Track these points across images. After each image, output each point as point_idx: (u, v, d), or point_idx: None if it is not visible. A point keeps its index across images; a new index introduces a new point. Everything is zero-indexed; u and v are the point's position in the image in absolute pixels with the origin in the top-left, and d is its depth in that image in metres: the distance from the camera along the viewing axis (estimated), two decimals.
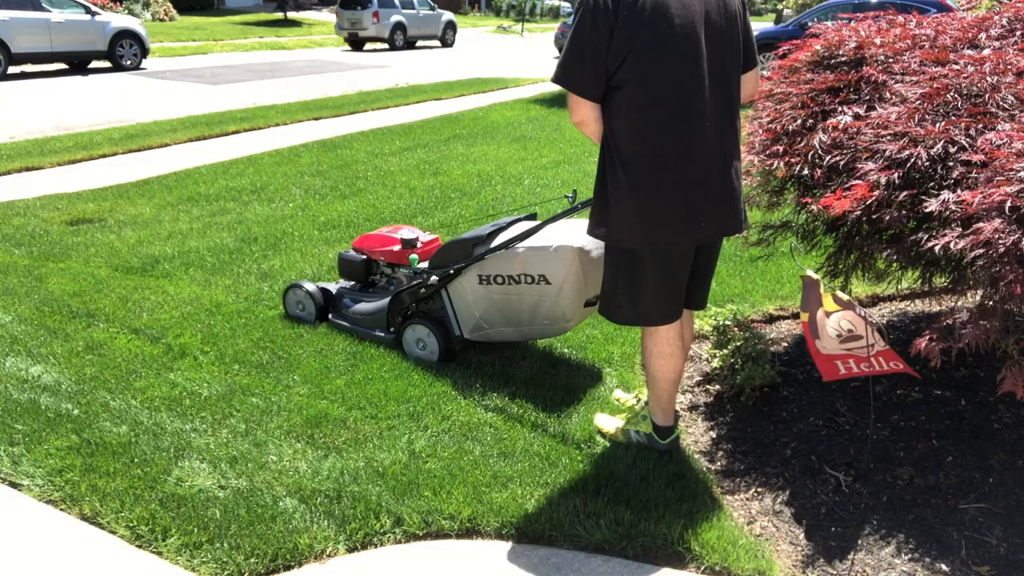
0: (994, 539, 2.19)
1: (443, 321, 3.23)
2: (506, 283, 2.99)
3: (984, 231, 1.90)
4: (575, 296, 2.92)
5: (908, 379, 2.98)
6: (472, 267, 3.06)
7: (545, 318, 2.99)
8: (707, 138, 2.25)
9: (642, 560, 2.15)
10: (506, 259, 2.96)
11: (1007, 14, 2.86)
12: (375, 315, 3.43)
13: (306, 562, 2.14)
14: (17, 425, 2.72)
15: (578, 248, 2.85)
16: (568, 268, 2.86)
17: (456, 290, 3.15)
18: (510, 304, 3.03)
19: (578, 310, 3.00)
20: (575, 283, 2.89)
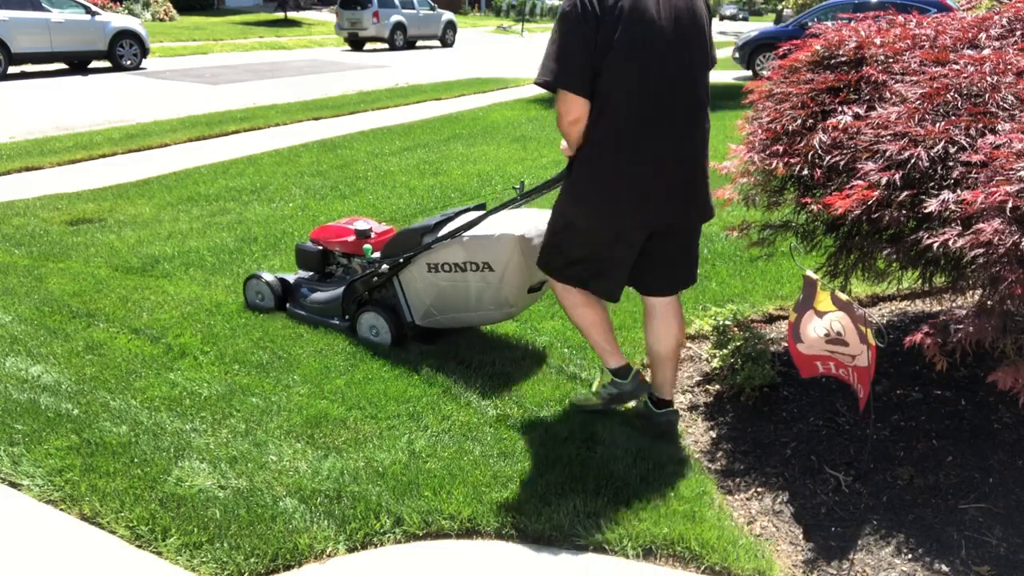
0: (994, 539, 2.19)
1: (395, 308, 3.36)
2: (453, 271, 3.12)
3: (984, 231, 1.90)
4: (518, 282, 3.06)
5: (908, 379, 2.98)
6: (421, 256, 3.18)
7: (490, 303, 3.13)
8: (675, 135, 2.42)
9: (642, 560, 2.15)
10: (452, 248, 3.08)
11: (1007, 14, 2.86)
12: (331, 303, 3.55)
13: (306, 562, 2.14)
14: (17, 425, 2.72)
15: (519, 236, 2.98)
16: (509, 255, 2.99)
17: (407, 278, 3.28)
18: (457, 291, 3.15)
19: (522, 296, 3.16)
20: (517, 270, 3.02)
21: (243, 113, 10.29)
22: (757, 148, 2.80)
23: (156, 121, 9.55)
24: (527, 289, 3.14)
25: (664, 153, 2.43)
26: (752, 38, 16.01)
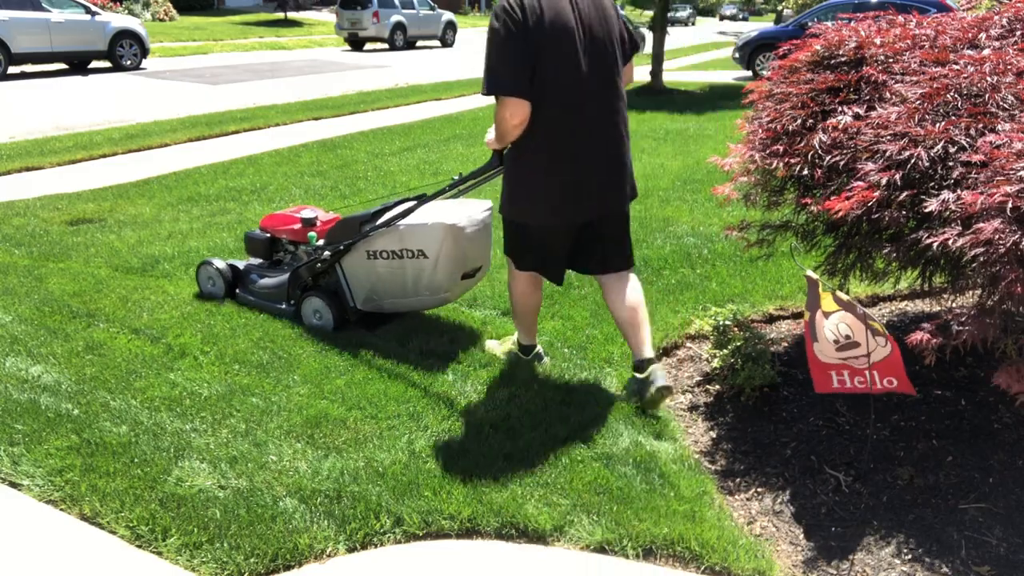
0: (994, 539, 2.19)
1: (338, 293, 3.52)
2: (390, 257, 3.31)
3: (984, 231, 1.90)
4: (451, 268, 3.27)
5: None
6: (361, 243, 3.36)
7: (425, 289, 3.33)
8: (597, 130, 2.71)
9: (642, 560, 2.15)
10: (390, 235, 3.28)
11: (1007, 14, 2.86)
12: (277, 289, 3.71)
13: (306, 562, 2.14)
14: (17, 425, 2.72)
15: (451, 225, 3.19)
16: (442, 242, 3.20)
17: (348, 265, 3.45)
18: (395, 277, 3.34)
19: (455, 282, 3.35)
20: (449, 256, 3.23)
21: (243, 113, 10.29)
22: (757, 147, 2.80)
23: (156, 121, 9.55)
24: (461, 276, 3.34)
25: (592, 151, 2.71)
26: (752, 38, 16.01)
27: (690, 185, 6.36)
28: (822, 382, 2.46)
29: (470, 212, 3.32)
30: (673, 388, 3.02)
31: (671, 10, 23.24)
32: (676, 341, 3.50)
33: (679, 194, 6.08)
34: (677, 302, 3.86)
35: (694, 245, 4.73)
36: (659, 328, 3.54)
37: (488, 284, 4.08)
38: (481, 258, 3.47)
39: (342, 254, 3.43)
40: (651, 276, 4.23)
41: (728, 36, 33.69)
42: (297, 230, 3.74)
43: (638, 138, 8.68)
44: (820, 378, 2.46)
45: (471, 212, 3.32)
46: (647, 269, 4.33)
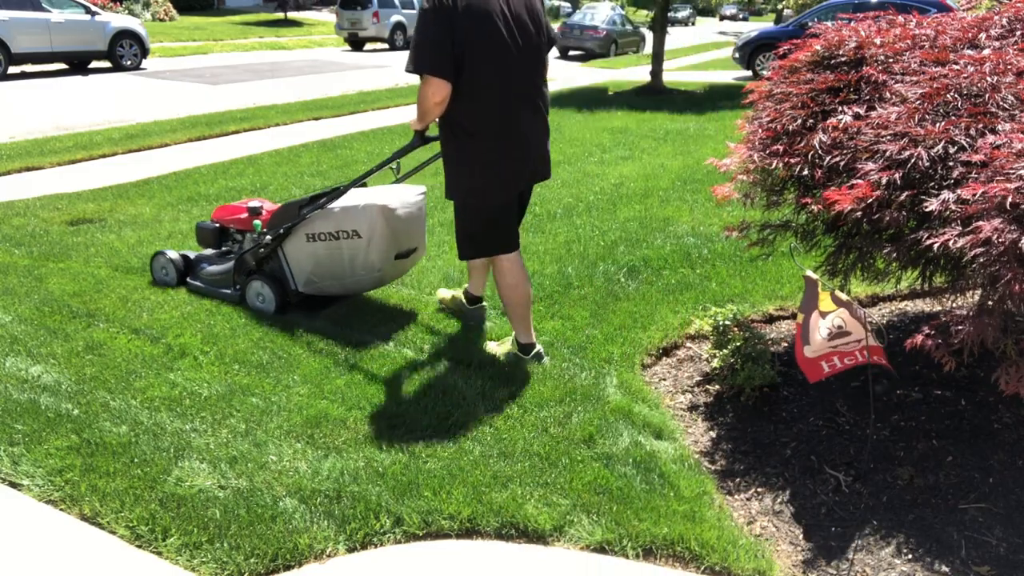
0: (994, 539, 2.19)
1: (280, 277, 3.69)
2: (328, 239, 3.48)
3: (984, 230, 1.90)
4: (384, 248, 3.47)
5: (908, 379, 2.98)
6: (301, 227, 3.54)
7: (361, 268, 3.51)
8: (526, 113, 2.96)
9: (642, 560, 2.15)
10: (327, 218, 3.46)
11: (1007, 14, 2.86)
12: (224, 275, 3.88)
13: (306, 562, 2.14)
14: (17, 425, 2.72)
15: (382, 206, 3.40)
16: (374, 223, 3.40)
17: (289, 249, 3.62)
18: (332, 258, 3.52)
19: (390, 261, 3.54)
20: (382, 236, 3.43)
21: (243, 113, 10.28)
22: (757, 147, 2.80)
23: (156, 121, 9.55)
24: (395, 255, 3.55)
25: (523, 128, 2.96)
26: (752, 38, 16.01)
27: (690, 185, 6.36)
28: (813, 373, 2.48)
29: (403, 195, 3.53)
30: None
31: (671, 10, 23.27)
32: (676, 341, 3.50)
33: (679, 194, 6.08)
34: (677, 302, 3.86)
35: (694, 245, 4.73)
36: (659, 328, 3.55)
37: (489, 286, 4.08)
38: (415, 240, 3.66)
39: (283, 238, 3.60)
40: (651, 276, 4.23)
41: (728, 36, 33.69)
42: (244, 219, 3.90)
43: (638, 138, 8.68)
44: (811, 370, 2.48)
45: (404, 195, 3.53)
46: (647, 269, 4.33)
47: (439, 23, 2.72)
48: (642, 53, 23.09)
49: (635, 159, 7.53)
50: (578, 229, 5.12)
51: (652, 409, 2.90)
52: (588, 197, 5.98)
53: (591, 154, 7.75)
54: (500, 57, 2.82)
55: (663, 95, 12.92)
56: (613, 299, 3.92)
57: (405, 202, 3.51)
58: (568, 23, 23.18)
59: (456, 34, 2.72)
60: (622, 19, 23.54)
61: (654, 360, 3.37)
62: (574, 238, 4.92)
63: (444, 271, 4.29)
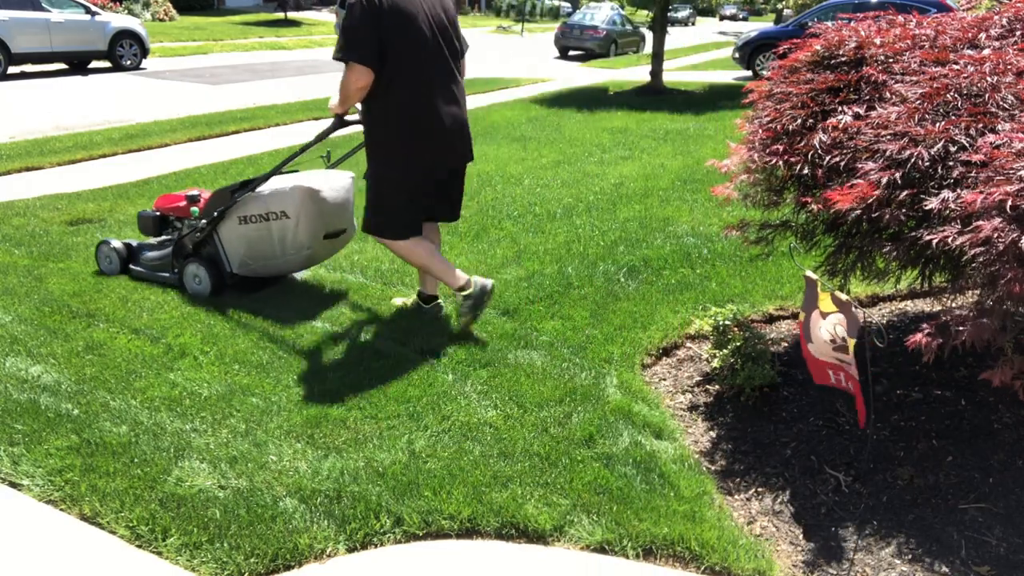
0: (994, 539, 2.19)
1: (216, 260, 3.88)
2: (259, 221, 3.70)
3: (983, 229, 1.90)
4: (311, 228, 3.69)
5: (908, 379, 2.98)
6: (234, 211, 3.75)
7: (291, 248, 3.72)
8: (445, 103, 3.25)
9: (642, 560, 2.15)
10: (258, 201, 3.69)
11: (1007, 14, 2.86)
12: (163, 260, 4.07)
13: (306, 562, 2.14)
14: (17, 425, 2.72)
15: (307, 187, 3.63)
16: (301, 204, 3.62)
17: (224, 232, 3.82)
18: (263, 239, 3.73)
19: (318, 241, 3.76)
20: (309, 216, 3.65)
21: (243, 113, 10.28)
22: (757, 147, 2.80)
23: (156, 121, 9.55)
24: (323, 235, 3.77)
25: (442, 118, 3.24)
26: (752, 38, 16.01)
27: (690, 185, 6.36)
28: (820, 375, 2.47)
29: (329, 179, 3.78)
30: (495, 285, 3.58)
31: (671, 10, 23.26)
32: (676, 341, 3.50)
33: (679, 194, 6.08)
34: (677, 302, 3.86)
35: (694, 245, 4.73)
36: (659, 328, 3.55)
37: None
38: (344, 222, 3.89)
39: (217, 221, 3.80)
40: (651, 276, 4.23)
41: (728, 36, 33.69)
42: (182, 207, 4.06)
43: (638, 138, 8.68)
44: (817, 372, 2.47)
45: (330, 179, 3.78)
46: (647, 269, 4.33)
47: (365, 18, 3.02)
48: (642, 53, 23.09)
49: (635, 159, 7.53)
50: (578, 229, 5.12)
51: (652, 409, 2.90)
52: (588, 197, 5.98)
53: (591, 154, 7.75)
54: (421, 52, 3.15)
55: (663, 95, 12.92)
56: (613, 299, 3.92)
57: (332, 185, 3.75)
58: (568, 23, 23.17)
59: (382, 31, 3.04)
60: (622, 19, 23.54)
61: (654, 360, 3.37)
62: (574, 238, 4.92)
63: None
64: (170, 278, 4.02)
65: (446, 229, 5.12)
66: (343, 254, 4.59)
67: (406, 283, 4.13)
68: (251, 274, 3.88)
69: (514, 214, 5.48)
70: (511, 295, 3.94)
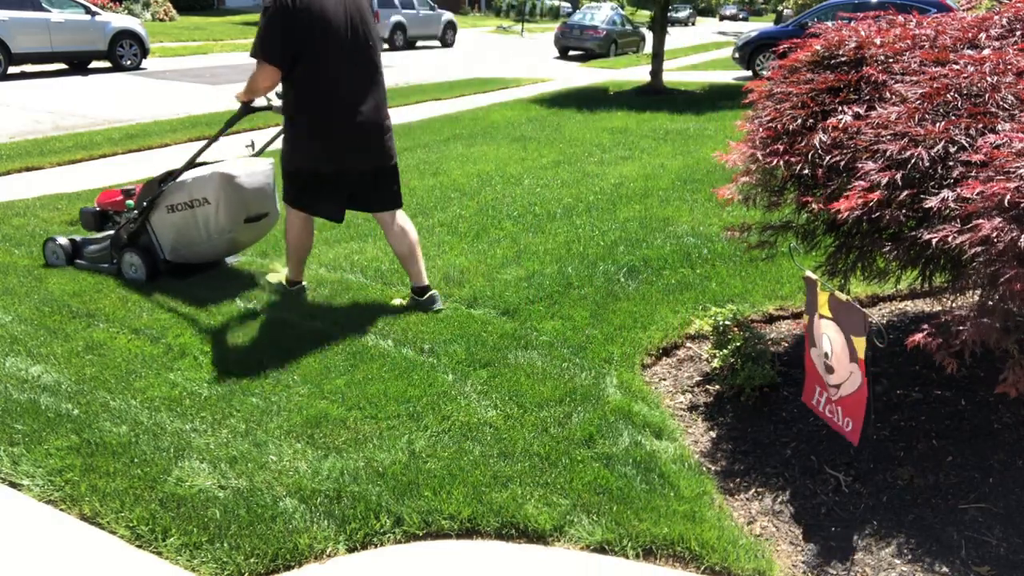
0: (994, 539, 2.19)
1: (150, 248, 4.11)
2: (185, 208, 3.93)
3: (983, 228, 1.90)
4: (232, 212, 3.92)
5: (908, 379, 2.98)
6: (162, 200, 3.98)
7: (215, 232, 3.95)
8: (356, 102, 3.45)
9: (642, 560, 2.15)
10: (182, 190, 3.92)
11: (1007, 14, 2.86)
12: (103, 252, 4.28)
13: (306, 562, 2.14)
14: (17, 425, 2.72)
15: (225, 174, 3.86)
16: (219, 189, 3.84)
17: (155, 221, 4.05)
18: (190, 226, 3.96)
19: (239, 224, 4.00)
20: (229, 201, 3.88)
21: None
22: (758, 147, 2.80)
23: (156, 121, 9.55)
24: (244, 219, 4.00)
25: (357, 115, 3.44)
26: (752, 38, 16.01)
27: (690, 185, 6.36)
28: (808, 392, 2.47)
29: (248, 165, 3.99)
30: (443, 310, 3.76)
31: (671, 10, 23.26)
32: (676, 341, 3.50)
33: (679, 194, 6.08)
34: (677, 302, 3.86)
35: (694, 245, 4.73)
36: (659, 328, 3.55)
37: (489, 286, 4.09)
38: (265, 206, 4.12)
39: (147, 211, 4.02)
40: (651, 276, 4.23)
41: (728, 36, 33.69)
42: (118, 201, 4.29)
43: (638, 138, 8.68)
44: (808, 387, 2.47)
45: (249, 165, 4.00)
46: (647, 269, 4.33)
47: (276, 19, 3.24)
48: (642, 53, 23.09)
49: (635, 159, 7.53)
50: (578, 229, 5.12)
51: (652, 409, 2.90)
52: (588, 197, 5.98)
53: (591, 154, 7.75)
54: (333, 53, 3.35)
55: (663, 95, 12.92)
56: (613, 299, 3.92)
57: (249, 171, 3.97)
58: (568, 23, 23.17)
59: (296, 32, 3.25)
60: (622, 19, 23.54)
61: (654, 360, 3.37)
62: (574, 238, 4.92)
63: (444, 271, 4.29)
64: (109, 268, 4.23)
65: (445, 230, 5.13)
66: (343, 254, 4.59)
67: (406, 283, 4.13)
68: (183, 260, 4.10)
69: (514, 214, 5.48)
70: (511, 295, 3.94)
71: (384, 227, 3.76)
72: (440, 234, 5.04)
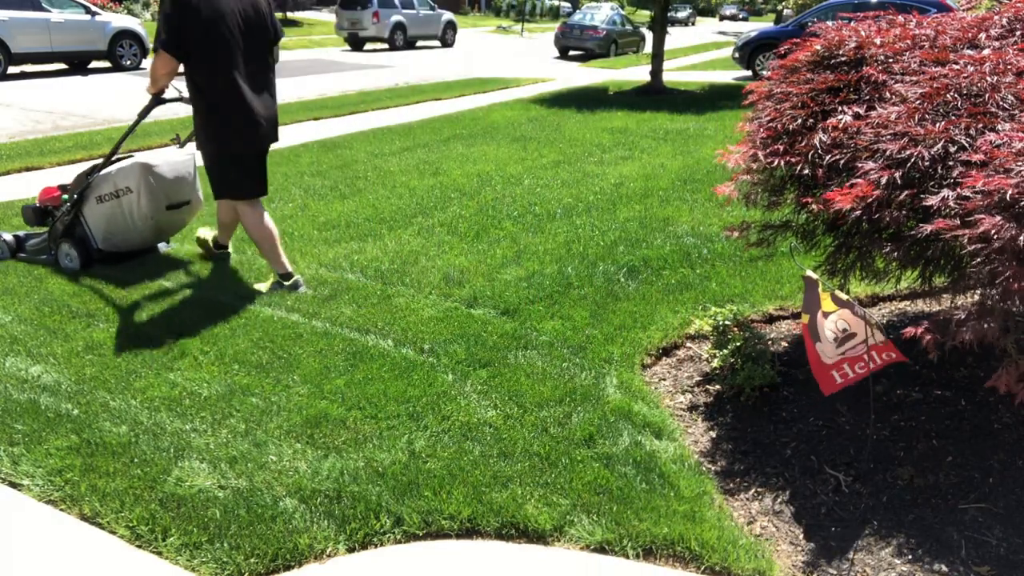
0: (994, 539, 2.19)
1: (83, 238, 4.32)
2: (111, 199, 4.19)
3: (983, 223, 1.90)
4: (153, 200, 4.20)
5: (908, 379, 2.98)
6: (91, 192, 4.22)
7: (139, 219, 4.22)
8: (253, 90, 3.78)
9: (642, 560, 2.15)
10: (107, 181, 4.18)
11: (1007, 14, 2.87)
12: (42, 244, 4.51)
13: (306, 562, 2.14)
14: (17, 425, 2.72)
15: (143, 163, 4.14)
16: (140, 178, 4.12)
17: (87, 213, 4.28)
18: (116, 215, 4.21)
19: (161, 211, 4.27)
20: (149, 189, 4.16)
21: None
22: (758, 147, 2.80)
23: (156, 121, 9.54)
24: (165, 207, 4.28)
25: (249, 100, 3.76)
26: (752, 38, 16.00)
27: (690, 185, 6.36)
28: (827, 383, 2.46)
29: (168, 155, 4.28)
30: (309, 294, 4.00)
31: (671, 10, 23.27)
32: (676, 341, 3.50)
33: (679, 194, 6.08)
34: (677, 302, 3.86)
35: (694, 245, 4.73)
36: (659, 328, 3.55)
37: (488, 285, 4.09)
38: (186, 194, 4.39)
39: (79, 203, 4.25)
40: (651, 276, 4.23)
41: (728, 36, 33.70)
42: (55, 196, 4.49)
43: (638, 138, 8.68)
44: (824, 380, 2.46)
45: (169, 155, 4.28)
46: (647, 269, 4.33)
47: (174, 10, 3.54)
48: (642, 53, 23.09)
49: (635, 159, 7.53)
50: (578, 229, 5.12)
51: (652, 409, 2.90)
52: (588, 197, 5.98)
53: (591, 154, 7.75)
54: (228, 45, 3.65)
55: (663, 95, 12.92)
56: (613, 299, 3.92)
57: (168, 161, 4.24)
58: (568, 23, 23.17)
59: (194, 27, 3.55)
60: (622, 19, 23.54)
61: (654, 360, 3.37)
62: (574, 238, 4.92)
63: (444, 271, 4.29)
64: (48, 259, 4.44)
65: (445, 230, 5.13)
66: (343, 254, 4.59)
67: (406, 283, 4.13)
68: (115, 249, 4.34)
69: (514, 214, 5.48)
70: (511, 295, 3.94)
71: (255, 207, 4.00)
72: (440, 234, 5.04)
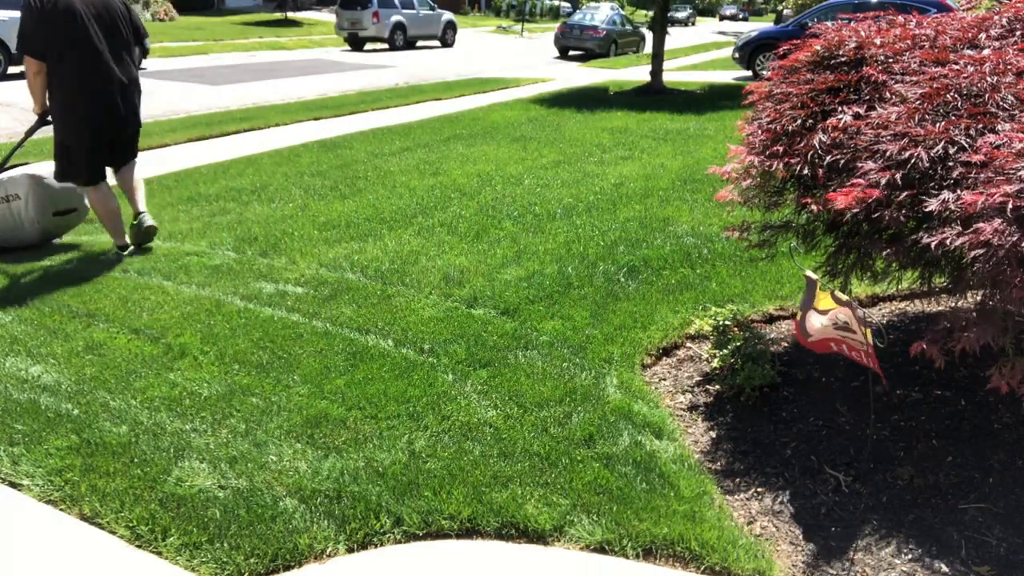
0: (994, 539, 2.19)
1: None
2: (2, 203, 4.64)
3: (984, 231, 1.90)
4: (40, 206, 4.68)
5: (908, 379, 2.98)
6: None
7: (27, 223, 4.69)
8: (111, 87, 4.34)
9: (642, 560, 2.15)
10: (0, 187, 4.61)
11: (1007, 14, 2.86)
12: None
13: (306, 562, 2.14)
14: (17, 425, 2.72)
15: (32, 174, 4.67)
16: (29, 187, 4.63)
17: None
18: (5, 217, 4.66)
19: (47, 216, 4.75)
20: (37, 196, 4.66)
21: (243, 113, 10.28)
22: (757, 149, 2.80)
23: (156, 121, 9.55)
24: (52, 213, 4.76)
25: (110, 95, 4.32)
26: (752, 38, 16.01)
27: (690, 185, 6.36)
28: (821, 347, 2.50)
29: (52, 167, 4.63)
30: (156, 226, 4.74)
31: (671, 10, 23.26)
32: (676, 341, 3.50)
33: (679, 194, 6.08)
34: (677, 302, 3.86)
35: (694, 245, 4.73)
36: (659, 328, 3.55)
37: (489, 285, 4.09)
38: (73, 202, 4.84)
39: None
40: (651, 276, 4.23)
41: (728, 36, 33.70)
42: None
43: (638, 138, 8.68)
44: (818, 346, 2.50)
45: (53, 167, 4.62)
46: (647, 269, 4.33)
47: (32, 17, 4.01)
48: (642, 53, 23.08)
49: (635, 159, 7.53)
50: (578, 229, 5.12)
51: (652, 409, 2.90)
52: (588, 197, 5.98)
53: (591, 154, 7.75)
54: (84, 45, 4.15)
55: (663, 95, 12.92)
56: (613, 299, 3.92)
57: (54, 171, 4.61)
58: (568, 23, 23.17)
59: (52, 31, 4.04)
60: (622, 19, 23.53)
61: (654, 360, 3.37)
62: (574, 238, 4.92)
63: (444, 271, 4.29)
64: None
65: (445, 230, 5.13)
66: (343, 254, 4.59)
67: (406, 283, 4.13)
68: (5, 244, 4.74)
69: (514, 214, 5.48)
70: (511, 295, 3.94)
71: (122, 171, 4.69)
72: (440, 234, 5.04)
